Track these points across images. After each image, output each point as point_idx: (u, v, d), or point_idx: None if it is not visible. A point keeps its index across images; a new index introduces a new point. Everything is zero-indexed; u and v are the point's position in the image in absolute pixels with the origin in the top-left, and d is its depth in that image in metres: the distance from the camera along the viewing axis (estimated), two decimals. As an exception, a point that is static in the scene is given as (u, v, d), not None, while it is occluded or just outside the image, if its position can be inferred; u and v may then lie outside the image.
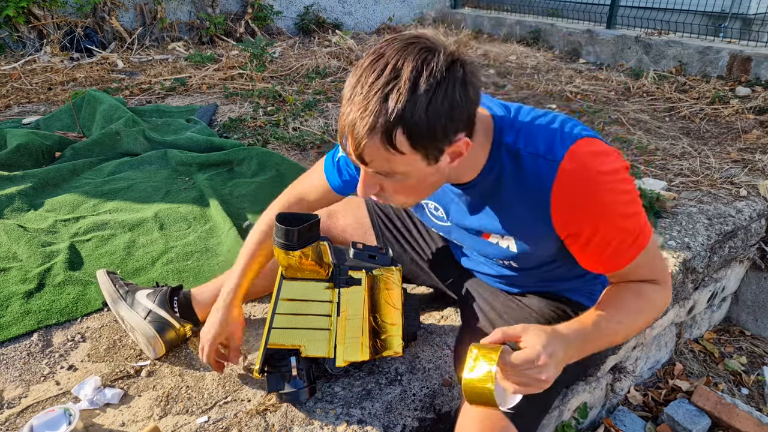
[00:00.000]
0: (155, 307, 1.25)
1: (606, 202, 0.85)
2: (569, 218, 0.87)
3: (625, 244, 0.88)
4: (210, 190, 2.12)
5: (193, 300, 1.30)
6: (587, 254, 0.92)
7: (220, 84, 3.84)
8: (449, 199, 1.02)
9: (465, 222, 1.02)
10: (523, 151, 0.87)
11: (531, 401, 0.99)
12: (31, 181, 2.16)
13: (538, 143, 0.86)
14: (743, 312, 2.38)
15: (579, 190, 0.84)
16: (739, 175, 2.33)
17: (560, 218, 0.88)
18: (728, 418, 1.75)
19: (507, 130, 0.89)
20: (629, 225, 0.87)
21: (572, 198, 0.85)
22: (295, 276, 1.10)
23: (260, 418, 1.10)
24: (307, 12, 5.85)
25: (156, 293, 1.29)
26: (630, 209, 0.87)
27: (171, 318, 1.25)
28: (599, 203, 0.84)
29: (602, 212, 0.85)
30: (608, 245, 0.88)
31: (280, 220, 1.00)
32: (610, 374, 1.80)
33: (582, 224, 0.87)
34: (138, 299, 1.28)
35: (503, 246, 1.00)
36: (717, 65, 3.93)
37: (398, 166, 0.78)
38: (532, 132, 0.88)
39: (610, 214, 0.85)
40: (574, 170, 0.83)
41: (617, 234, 0.87)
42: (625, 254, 0.90)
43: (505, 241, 0.99)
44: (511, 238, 0.97)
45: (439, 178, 0.86)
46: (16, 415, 1.12)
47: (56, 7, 4.44)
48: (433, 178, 0.84)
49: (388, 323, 1.14)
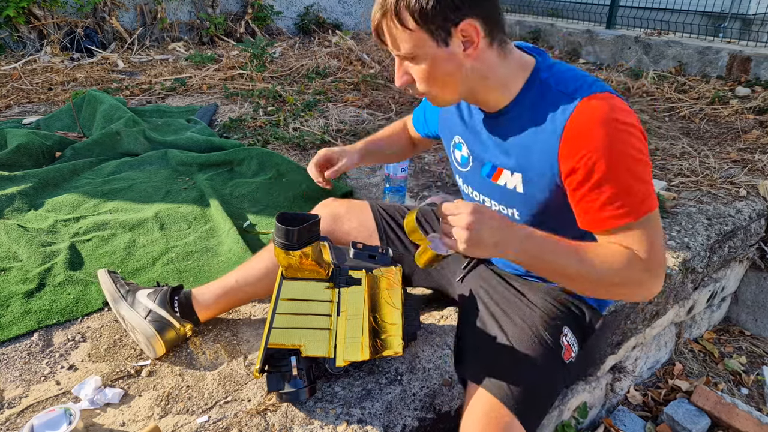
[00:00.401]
0: (155, 307, 1.26)
1: (615, 147, 0.84)
2: (575, 149, 0.86)
3: (623, 201, 0.85)
4: (210, 190, 2.12)
5: (194, 300, 1.30)
6: (583, 200, 0.89)
7: (221, 84, 3.84)
8: (475, 133, 1.06)
9: (484, 156, 1.04)
10: (554, 88, 0.91)
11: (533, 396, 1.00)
12: (32, 181, 2.16)
13: (568, 83, 0.90)
14: (743, 312, 2.38)
15: (591, 125, 0.85)
16: (738, 175, 2.33)
17: (566, 149, 0.87)
18: (728, 417, 1.76)
19: (545, 69, 0.95)
20: (634, 184, 0.85)
21: (582, 129, 0.85)
22: (296, 276, 1.11)
23: (260, 418, 1.10)
24: (307, 12, 5.85)
25: (156, 293, 1.29)
26: (639, 168, 0.85)
27: (171, 318, 1.25)
28: (608, 144, 0.84)
29: (609, 154, 0.84)
30: (605, 193, 0.85)
31: (280, 220, 1.00)
32: (609, 374, 1.80)
33: (585, 158, 0.85)
34: (138, 299, 1.28)
35: (510, 187, 1.01)
36: (717, 65, 3.93)
37: (412, 46, 0.87)
38: (566, 75, 0.93)
39: (617, 159, 0.84)
40: (592, 108, 0.85)
41: (618, 185, 0.85)
42: (620, 211, 0.86)
43: (513, 180, 1.00)
44: (519, 176, 0.98)
45: (455, 70, 0.90)
46: (16, 414, 1.12)
47: (56, 7, 4.44)
48: (449, 66, 0.89)
49: (388, 323, 1.14)
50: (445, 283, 1.35)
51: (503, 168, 1.01)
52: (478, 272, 1.25)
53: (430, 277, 1.35)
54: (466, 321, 1.18)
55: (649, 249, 0.89)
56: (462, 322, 1.21)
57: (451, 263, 1.33)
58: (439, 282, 1.36)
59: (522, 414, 0.97)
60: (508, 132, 0.98)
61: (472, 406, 0.99)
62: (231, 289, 1.29)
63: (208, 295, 1.30)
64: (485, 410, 0.97)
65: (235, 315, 1.43)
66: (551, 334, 1.07)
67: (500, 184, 1.03)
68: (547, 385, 1.05)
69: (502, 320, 1.11)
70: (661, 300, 1.73)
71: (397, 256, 1.33)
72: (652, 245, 0.89)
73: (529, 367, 1.03)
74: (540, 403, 1.03)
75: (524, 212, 1.04)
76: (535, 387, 1.02)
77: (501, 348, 1.06)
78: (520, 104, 0.95)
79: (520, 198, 1.01)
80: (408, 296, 1.23)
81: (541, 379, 1.03)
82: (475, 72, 0.91)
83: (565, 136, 0.88)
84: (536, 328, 1.08)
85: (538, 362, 1.03)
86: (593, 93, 0.87)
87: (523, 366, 1.03)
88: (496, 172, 1.03)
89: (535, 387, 1.02)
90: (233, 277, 1.30)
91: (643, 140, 0.88)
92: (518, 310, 1.12)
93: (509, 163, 0.99)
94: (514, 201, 1.03)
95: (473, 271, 1.26)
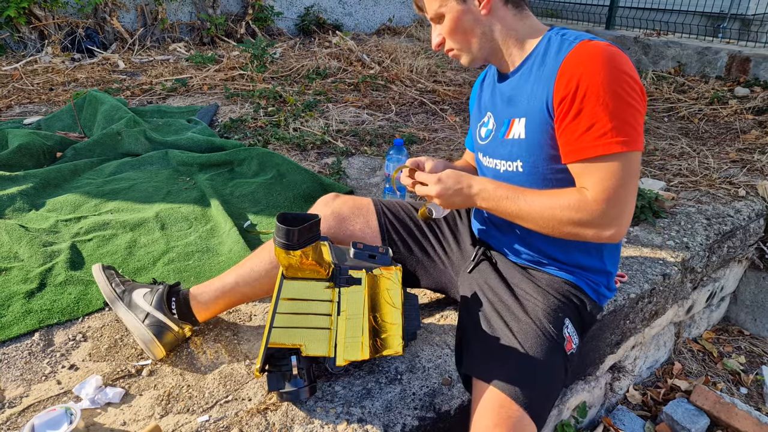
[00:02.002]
0: (152, 310, 1.24)
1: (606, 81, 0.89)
2: (566, 78, 0.93)
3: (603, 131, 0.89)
4: (211, 191, 2.12)
5: (192, 300, 1.29)
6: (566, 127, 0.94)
7: (221, 84, 3.85)
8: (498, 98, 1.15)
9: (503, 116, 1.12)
10: (559, 38, 1.02)
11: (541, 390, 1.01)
12: (33, 181, 2.17)
13: (573, 34, 1.01)
14: (742, 312, 2.38)
15: (587, 58, 0.92)
16: (737, 176, 2.34)
17: (560, 80, 0.94)
18: (727, 417, 1.76)
19: (556, 31, 1.06)
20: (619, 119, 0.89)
21: (577, 61, 0.92)
22: (296, 276, 1.11)
23: (261, 417, 1.11)
24: (308, 13, 5.86)
25: (153, 293, 1.28)
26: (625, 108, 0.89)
27: (169, 321, 1.24)
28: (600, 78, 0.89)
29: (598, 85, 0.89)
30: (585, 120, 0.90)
31: (281, 220, 1.01)
32: (609, 373, 1.81)
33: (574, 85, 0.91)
34: (135, 300, 1.27)
35: (517, 136, 1.08)
36: (716, 66, 3.94)
37: (438, 5, 1.03)
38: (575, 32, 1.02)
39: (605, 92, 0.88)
40: (592, 46, 0.93)
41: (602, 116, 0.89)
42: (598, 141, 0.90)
43: (519, 127, 1.07)
44: (524, 121, 1.06)
45: (472, 25, 1.04)
46: (17, 414, 1.12)
47: (57, 7, 4.45)
48: (466, 22, 1.04)
49: (388, 323, 1.14)
50: (446, 282, 1.36)
51: (515, 118, 1.09)
52: (480, 271, 1.26)
53: (433, 277, 1.36)
54: (469, 319, 1.18)
55: (604, 190, 0.93)
56: (464, 321, 1.21)
57: (456, 262, 1.33)
58: (441, 281, 1.36)
59: (531, 408, 0.98)
60: (519, 83, 1.08)
61: (481, 404, 1.00)
62: (230, 289, 1.29)
63: (206, 296, 1.29)
64: (495, 407, 0.97)
65: (236, 315, 1.43)
66: (555, 326, 1.08)
67: (510, 138, 1.10)
68: (553, 378, 1.06)
69: (507, 316, 1.12)
70: (660, 300, 1.74)
71: (399, 256, 1.34)
72: (609, 188, 0.92)
73: (535, 362, 1.03)
74: (547, 397, 1.04)
75: (526, 161, 1.08)
76: (542, 381, 1.03)
77: (508, 344, 1.07)
78: (530, 59, 1.06)
79: (523, 145, 1.07)
80: (408, 296, 1.23)
81: (548, 372, 1.04)
82: (495, 29, 1.05)
83: (561, 69, 0.95)
84: (540, 321, 1.09)
85: (544, 356, 1.04)
86: (597, 40, 0.95)
87: (530, 361, 1.03)
88: (509, 127, 1.10)
89: (542, 381, 1.03)
90: (232, 278, 1.29)
91: (638, 90, 0.92)
92: (521, 305, 1.13)
93: (518, 111, 1.08)
94: (518, 151, 1.09)
95: (475, 269, 1.27)
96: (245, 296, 1.31)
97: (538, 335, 1.06)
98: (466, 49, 1.09)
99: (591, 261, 1.17)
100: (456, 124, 3.17)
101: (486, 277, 1.23)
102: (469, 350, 1.13)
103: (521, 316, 1.10)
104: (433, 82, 4.09)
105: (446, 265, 1.34)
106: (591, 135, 0.91)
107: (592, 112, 0.90)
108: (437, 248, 1.35)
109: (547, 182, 1.07)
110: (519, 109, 1.07)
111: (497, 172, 1.16)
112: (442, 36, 1.09)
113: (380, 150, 2.69)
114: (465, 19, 1.04)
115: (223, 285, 1.29)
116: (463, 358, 1.14)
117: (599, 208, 0.94)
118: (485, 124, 1.21)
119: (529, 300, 1.14)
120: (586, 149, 0.93)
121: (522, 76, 1.08)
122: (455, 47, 1.09)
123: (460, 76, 4.30)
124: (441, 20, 1.06)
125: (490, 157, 1.18)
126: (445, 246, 1.36)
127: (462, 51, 1.10)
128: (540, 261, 1.19)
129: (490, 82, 1.22)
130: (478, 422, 0.98)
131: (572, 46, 0.97)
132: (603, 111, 0.89)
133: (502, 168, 1.14)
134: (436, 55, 4.89)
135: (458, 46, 1.09)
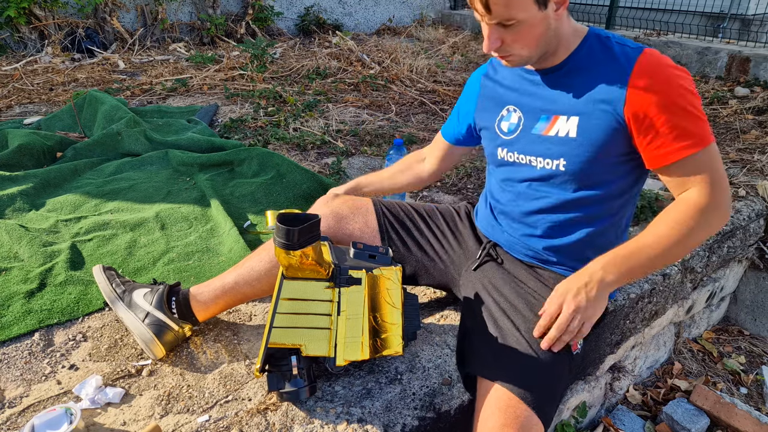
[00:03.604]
0: (152, 309, 1.24)
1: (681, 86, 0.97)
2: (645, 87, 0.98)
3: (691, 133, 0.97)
4: (211, 191, 2.12)
5: (192, 300, 1.29)
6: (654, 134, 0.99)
7: (221, 84, 3.85)
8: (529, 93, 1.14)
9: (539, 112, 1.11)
10: (613, 40, 1.05)
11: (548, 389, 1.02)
12: (33, 181, 2.17)
13: (625, 41, 1.05)
14: (742, 311, 2.38)
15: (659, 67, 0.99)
16: (737, 176, 2.34)
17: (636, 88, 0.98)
18: (727, 417, 1.76)
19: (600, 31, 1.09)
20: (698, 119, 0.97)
21: (651, 70, 0.99)
22: (296, 276, 1.11)
23: (261, 417, 1.11)
24: (308, 13, 5.86)
25: (153, 292, 1.28)
26: (698, 106, 0.98)
27: (169, 320, 1.24)
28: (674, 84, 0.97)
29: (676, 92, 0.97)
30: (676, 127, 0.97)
31: (281, 220, 1.01)
32: (609, 373, 1.81)
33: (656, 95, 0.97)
34: (135, 300, 1.27)
35: (563, 134, 1.08)
36: (716, 66, 3.94)
37: (515, 10, 0.96)
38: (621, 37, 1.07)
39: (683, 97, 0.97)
40: (657, 56, 1.00)
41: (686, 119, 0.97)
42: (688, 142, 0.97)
43: (567, 125, 1.07)
44: (576, 120, 1.06)
45: (545, 30, 1.01)
46: (17, 414, 1.12)
47: (57, 7, 4.45)
48: (540, 28, 1.00)
49: (388, 322, 1.14)
50: (449, 282, 1.36)
51: (559, 115, 1.08)
52: (484, 270, 1.25)
53: (433, 276, 1.36)
54: (473, 320, 1.18)
55: (712, 182, 1.00)
56: (468, 322, 1.20)
57: (457, 261, 1.33)
58: (442, 281, 1.36)
59: (539, 407, 0.98)
60: (566, 81, 1.08)
61: (488, 404, 1.00)
62: (230, 289, 1.29)
63: (206, 295, 1.29)
64: (502, 407, 0.97)
65: (236, 315, 1.43)
66: None
67: (551, 135, 1.10)
68: (559, 377, 1.06)
69: (514, 316, 1.12)
70: (660, 300, 1.74)
71: (398, 256, 1.34)
72: (714, 178, 1.00)
73: (543, 362, 1.03)
74: (554, 396, 1.04)
75: (572, 160, 1.08)
76: (549, 380, 1.03)
77: (515, 343, 1.07)
78: (578, 56, 1.07)
79: (572, 144, 1.07)
80: (408, 296, 1.23)
81: (554, 371, 1.04)
82: (554, 31, 1.03)
83: (634, 80, 0.99)
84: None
85: (551, 356, 1.04)
86: (651, 49, 1.02)
87: (537, 360, 1.04)
88: (550, 123, 1.10)
89: (549, 380, 1.03)
90: (232, 277, 1.29)
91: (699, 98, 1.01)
92: (528, 304, 1.13)
93: (566, 108, 1.07)
94: (563, 149, 1.08)
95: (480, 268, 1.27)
96: (245, 296, 1.31)
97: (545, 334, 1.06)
98: (527, 52, 1.04)
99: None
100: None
101: (490, 277, 1.23)
102: (475, 350, 1.12)
103: (529, 315, 1.11)
104: (433, 82, 4.10)
105: (446, 264, 1.34)
106: (679, 139, 0.98)
107: (679, 119, 0.97)
108: (437, 247, 1.35)
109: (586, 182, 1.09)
110: (566, 107, 1.07)
111: (532, 168, 1.15)
112: (502, 40, 1.03)
113: (380, 150, 2.69)
114: (540, 26, 1.00)
115: (223, 285, 1.29)
116: (467, 359, 1.13)
117: (714, 199, 1.00)
118: (505, 118, 1.19)
119: (536, 299, 1.14)
120: (679, 152, 0.99)
121: (569, 74, 1.07)
122: (516, 51, 1.04)
123: (460, 76, 4.30)
124: (509, 25, 0.99)
125: (518, 152, 1.16)
126: (444, 245, 1.36)
127: (521, 54, 1.05)
128: (548, 260, 1.19)
129: (511, 75, 1.19)
130: (485, 423, 0.98)
131: (638, 54, 1.00)
132: (683, 117, 0.97)
133: (539, 165, 1.13)
134: (435, 55, 4.89)
135: (521, 50, 1.04)
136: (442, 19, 6.74)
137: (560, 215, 1.14)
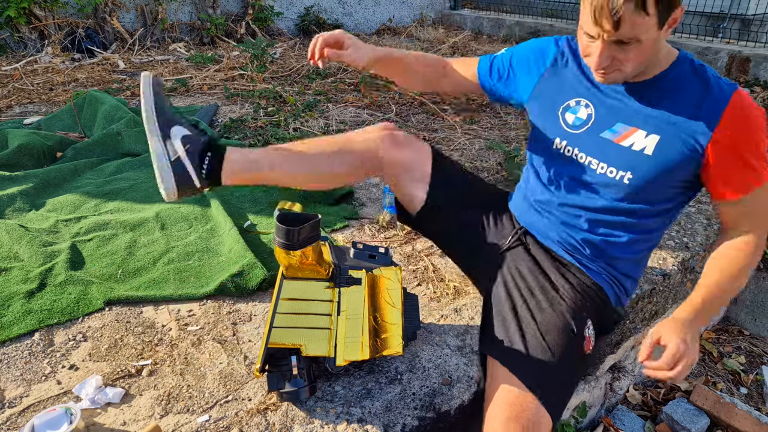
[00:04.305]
0: (185, 159, 1.14)
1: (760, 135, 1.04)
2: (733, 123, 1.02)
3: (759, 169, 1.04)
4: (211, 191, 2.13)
5: (225, 165, 1.17)
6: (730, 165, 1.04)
7: (221, 85, 3.85)
8: (610, 97, 1.12)
9: (615, 118, 1.10)
10: (709, 74, 1.06)
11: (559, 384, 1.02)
12: (33, 181, 2.17)
13: (717, 74, 1.08)
14: (742, 311, 2.38)
15: (750, 109, 1.04)
16: (738, 176, 2.33)
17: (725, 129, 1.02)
18: (727, 417, 1.76)
19: (691, 56, 1.10)
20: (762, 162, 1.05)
21: (742, 109, 1.03)
22: (296, 276, 1.11)
23: (261, 417, 1.11)
24: (308, 13, 5.86)
25: (192, 140, 1.16)
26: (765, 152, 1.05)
27: (196, 177, 1.14)
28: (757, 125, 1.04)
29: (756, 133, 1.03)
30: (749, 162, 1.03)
31: (281, 220, 1.01)
32: (609, 373, 1.81)
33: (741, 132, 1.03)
34: (173, 139, 1.16)
35: (637, 148, 1.07)
36: (716, 66, 3.94)
37: (640, 30, 0.94)
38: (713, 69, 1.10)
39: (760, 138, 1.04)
40: (748, 98, 1.05)
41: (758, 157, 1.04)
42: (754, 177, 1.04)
43: (645, 141, 1.07)
44: (656, 138, 1.06)
45: (655, 50, 1.02)
46: (17, 414, 1.12)
47: (57, 7, 4.45)
48: (653, 48, 1.00)
49: (388, 323, 1.14)
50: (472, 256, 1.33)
51: (638, 128, 1.08)
52: (512, 255, 1.24)
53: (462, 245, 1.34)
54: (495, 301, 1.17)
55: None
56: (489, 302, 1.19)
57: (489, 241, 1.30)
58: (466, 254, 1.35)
59: (548, 402, 0.98)
60: (653, 97, 1.08)
61: (498, 394, 1.00)
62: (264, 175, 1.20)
63: (239, 165, 1.18)
64: (510, 398, 0.98)
65: (236, 315, 1.43)
66: (577, 325, 1.09)
67: (624, 145, 1.09)
68: (570, 375, 1.06)
69: (532, 305, 1.12)
70: (660, 300, 1.74)
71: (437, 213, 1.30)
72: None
73: (555, 356, 1.04)
74: (564, 392, 1.05)
75: (639, 176, 1.08)
76: (560, 376, 1.03)
77: (529, 333, 1.07)
78: (670, 76, 1.07)
79: (645, 160, 1.07)
80: (408, 296, 1.23)
81: (566, 368, 1.05)
82: (657, 49, 1.03)
83: (725, 120, 1.02)
84: (564, 316, 1.09)
85: (563, 352, 1.04)
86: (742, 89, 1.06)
87: (550, 353, 1.04)
88: (625, 133, 1.09)
89: (560, 376, 1.03)
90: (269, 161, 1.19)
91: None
92: (548, 298, 1.13)
93: (647, 124, 1.07)
94: (634, 163, 1.08)
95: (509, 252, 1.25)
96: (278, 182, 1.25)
97: (561, 329, 1.07)
98: (632, 69, 1.02)
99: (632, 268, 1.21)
100: (456, 124, 3.17)
101: (518, 263, 1.22)
102: (489, 331, 1.13)
103: (546, 307, 1.11)
104: (433, 82, 4.09)
105: (479, 240, 1.31)
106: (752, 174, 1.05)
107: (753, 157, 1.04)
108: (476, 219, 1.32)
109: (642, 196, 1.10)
110: (648, 122, 1.07)
111: (591, 171, 1.12)
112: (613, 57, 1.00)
113: (380, 150, 2.69)
114: (654, 46, 0.99)
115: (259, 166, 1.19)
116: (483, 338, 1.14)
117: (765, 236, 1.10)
118: (572, 109, 1.16)
119: (557, 294, 1.14)
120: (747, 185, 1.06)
121: (658, 92, 1.07)
122: (625, 68, 1.02)
123: (460, 76, 4.30)
124: (629, 44, 0.97)
125: (579, 150, 1.14)
126: (483, 220, 1.32)
127: (625, 72, 1.03)
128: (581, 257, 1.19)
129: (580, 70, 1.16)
130: (494, 414, 0.98)
131: (732, 91, 1.03)
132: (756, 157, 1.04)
133: (600, 170, 1.11)
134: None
135: (631, 68, 1.03)
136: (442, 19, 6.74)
137: (606, 216, 1.15)
